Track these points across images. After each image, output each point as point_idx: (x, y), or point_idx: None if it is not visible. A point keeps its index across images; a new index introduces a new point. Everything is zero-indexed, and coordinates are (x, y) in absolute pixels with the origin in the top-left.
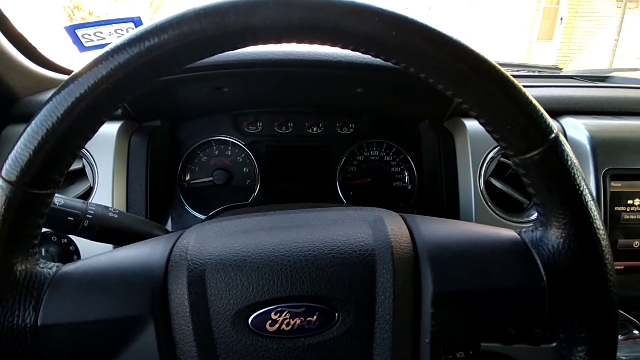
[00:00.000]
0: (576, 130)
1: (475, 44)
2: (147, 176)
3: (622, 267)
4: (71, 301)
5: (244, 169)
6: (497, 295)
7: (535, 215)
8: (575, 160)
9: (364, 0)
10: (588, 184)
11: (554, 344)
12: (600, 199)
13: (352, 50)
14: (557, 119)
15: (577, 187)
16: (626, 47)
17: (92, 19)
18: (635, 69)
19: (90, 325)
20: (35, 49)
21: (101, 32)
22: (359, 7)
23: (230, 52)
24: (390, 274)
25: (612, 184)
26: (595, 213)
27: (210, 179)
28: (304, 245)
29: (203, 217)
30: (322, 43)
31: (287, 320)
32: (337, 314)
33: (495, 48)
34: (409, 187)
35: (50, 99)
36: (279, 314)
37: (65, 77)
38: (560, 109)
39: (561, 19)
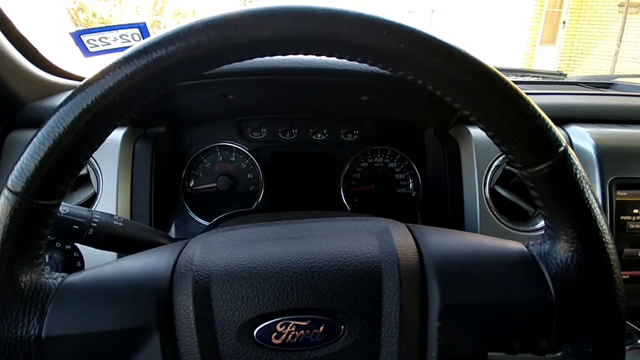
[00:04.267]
0: (582, 139)
1: (477, 47)
2: (152, 182)
3: (628, 276)
4: (76, 312)
5: (248, 175)
6: (504, 308)
7: (540, 224)
8: (584, 174)
9: (371, 12)
10: (597, 197)
11: (559, 354)
12: (606, 208)
13: (360, 62)
14: (563, 127)
15: (586, 201)
16: (628, 51)
17: (95, 21)
18: (638, 75)
19: (95, 336)
20: (39, 53)
21: (106, 38)
22: (367, 20)
23: None
24: (397, 286)
25: (618, 193)
26: (604, 227)
27: (214, 185)
28: (310, 257)
29: (207, 223)
30: (330, 55)
31: (293, 332)
32: (343, 327)
33: (497, 51)
34: (414, 194)
35: (57, 109)
36: (284, 326)
37: (69, 82)
38: (566, 117)
39: (564, 22)
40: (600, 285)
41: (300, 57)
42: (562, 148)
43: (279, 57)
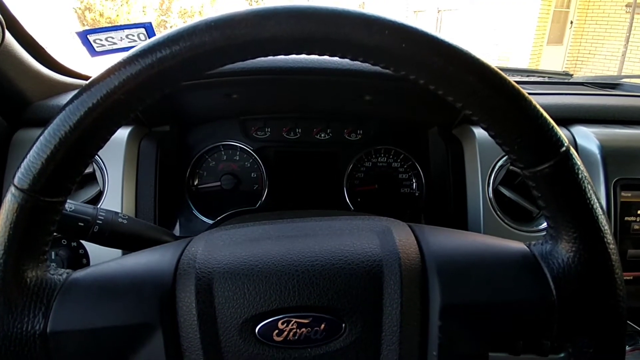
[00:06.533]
0: (587, 139)
1: (484, 46)
2: (157, 181)
3: (631, 277)
4: (81, 308)
5: (252, 174)
6: (506, 308)
7: (544, 225)
8: (586, 174)
9: (373, 12)
10: (599, 197)
11: (562, 355)
12: (611, 209)
13: (362, 61)
14: (568, 128)
15: (588, 201)
16: (635, 52)
17: (102, 20)
18: None
19: (99, 332)
20: (46, 53)
21: (112, 37)
22: (370, 20)
23: None
24: (398, 285)
25: (622, 193)
26: (606, 227)
27: (218, 183)
28: (312, 255)
29: (211, 221)
30: (332, 55)
31: (294, 330)
32: (344, 325)
33: (504, 50)
34: (417, 194)
35: (63, 108)
36: (286, 324)
37: (76, 81)
38: (570, 117)
39: (571, 22)
40: (602, 286)
41: (304, 56)
42: (564, 148)
43: (282, 56)
